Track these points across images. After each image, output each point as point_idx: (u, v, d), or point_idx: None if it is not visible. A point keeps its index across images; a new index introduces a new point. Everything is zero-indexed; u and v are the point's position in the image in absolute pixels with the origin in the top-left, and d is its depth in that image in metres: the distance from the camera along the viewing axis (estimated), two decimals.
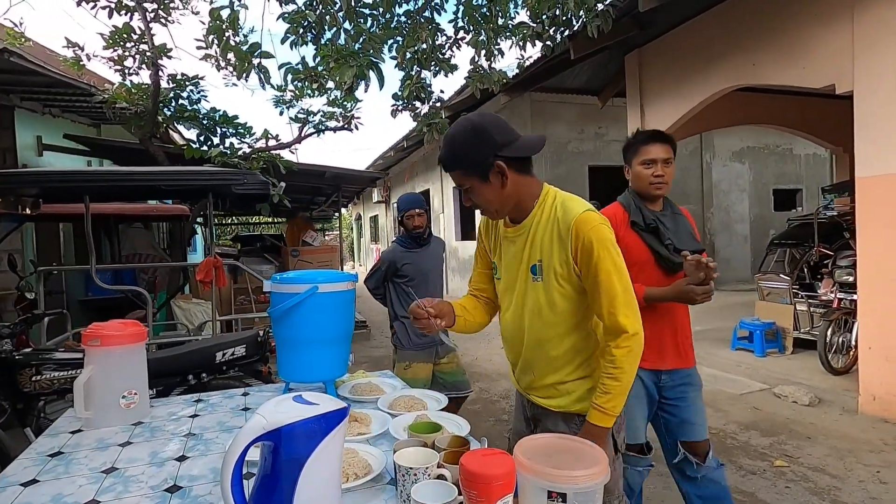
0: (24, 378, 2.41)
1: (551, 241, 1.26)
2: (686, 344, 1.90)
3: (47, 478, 1.14)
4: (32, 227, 5.87)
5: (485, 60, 5.06)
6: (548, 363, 1.34)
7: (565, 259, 1.24)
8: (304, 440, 0.82)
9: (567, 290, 1.27)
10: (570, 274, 1.25)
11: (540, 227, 1.29)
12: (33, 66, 4.49)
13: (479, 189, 1.27)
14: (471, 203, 1.31)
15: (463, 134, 1.27)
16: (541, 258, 1.29)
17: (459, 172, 1.28)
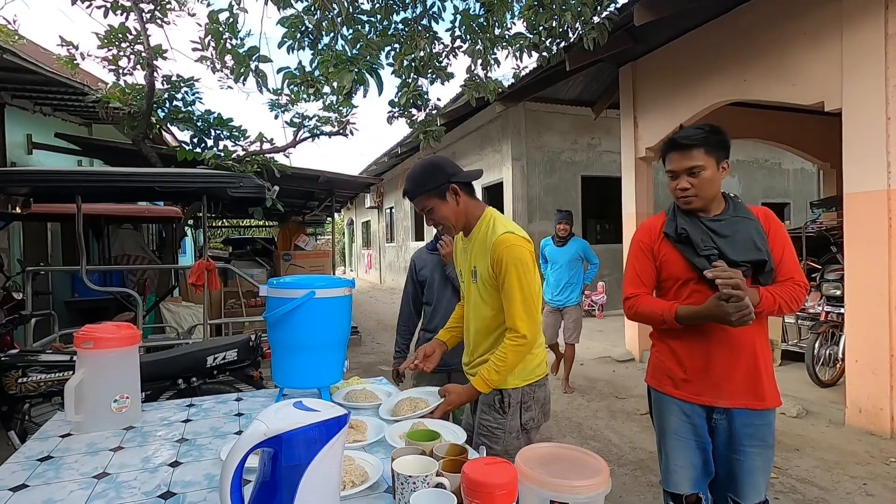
0: (10, 380, 2.37)
1: (483, 252, 1.61)
2: (760, 377, 1.52)
3: (37, 482, 1.12)
4: (20, 227, 5.79)
5: (481, 69, 5.10)
6: (481, 348, 1.68)
7: (488, 268, 1.58)
8: (305, 447, 0.81)
9: (491, 292, 1.61)
10: (491, 280, 1.59)
11: (477, 241, 1.65)
12: (26, 64, 4.44)
13: (439, 207, 1.62)
14: (433, 222, 1.66)
15: (423, 167, 1.64)
16: (475, 265, 1.65)
17: (422, 197, 1.62)
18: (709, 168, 1.55)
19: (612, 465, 3.14)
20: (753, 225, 1.55)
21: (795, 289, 1.53)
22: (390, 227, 15.84)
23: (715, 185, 1.57)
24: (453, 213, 1.63)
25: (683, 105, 5.19)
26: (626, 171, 6.10)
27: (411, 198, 1.65)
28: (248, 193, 3.07)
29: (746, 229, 1.55)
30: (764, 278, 1.53)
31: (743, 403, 1.53)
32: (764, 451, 1.53)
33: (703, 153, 1.55)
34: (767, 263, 1.51)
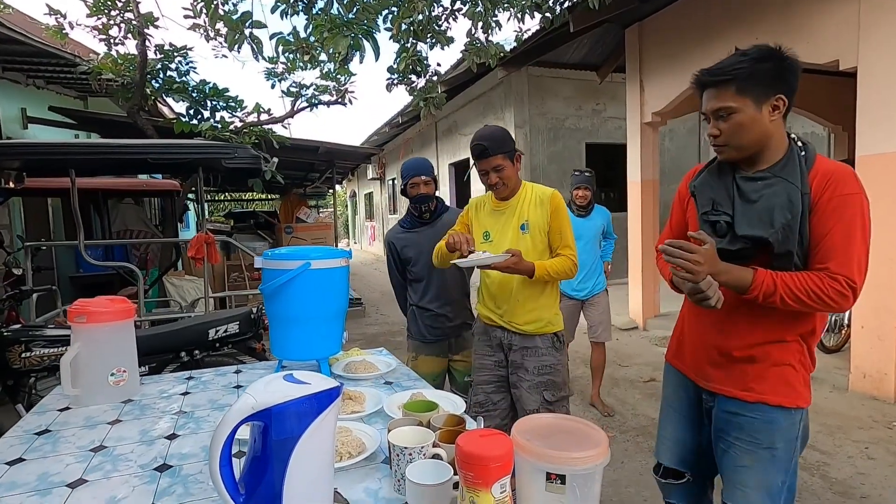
0: (14, 355, 2.38)
1: (537, 206, 1.95)
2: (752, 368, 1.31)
3: (34, 456, 1.11)
4: (20, 202, 5.76)
5: (482, 33, 4.92)
6: (530, 294, 1.94)
7: (546, 216, 1.94)
8: (295, 420, 0.79)
9: (542, 238, 1.95)
10: (545, 226, 1.94)
11: (527, 200, 1.98)
12: (14, 35, 4.32)
13: (508, 168, 1.93)
14: (496, 179, 1.93)
15: (501, 131, 1.96)
16: (527, 219, 1.95)
17: (499, 156, 1.90)
18: (743, 110, 1.22)
19: (614, 431, 3.17)
20: (789, 191, 1.22)
21: (823, 281, 1.18)
22: (393, 199, 15.73)
23: (754, 130, 1.23)
24: (515, 175, 1.96)
25: (691, 67, 5.00)
26: (632, 136, 5.95)
27: (489, 154, 1.89)
28: (243, 164, 3.01)
29: (776, 196, 1.23)
30: (779, 262, 1.23)
31: (726, 391, 1.35)
32: (754, 450, 1.30)
33: (734, 91, 1.22)
34: (774, 245, 1.22)
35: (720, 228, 1.30)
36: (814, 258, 1.23)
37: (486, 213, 2.06)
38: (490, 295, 2.02)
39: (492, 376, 2.02)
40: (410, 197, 2.40)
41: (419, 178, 2.34)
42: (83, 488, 0.97)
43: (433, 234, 2.30)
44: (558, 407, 1.93)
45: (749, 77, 1.21)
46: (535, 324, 1.94)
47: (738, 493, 1.32)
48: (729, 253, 1.26)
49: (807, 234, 1.22)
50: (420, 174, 2.35)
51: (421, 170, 2.38)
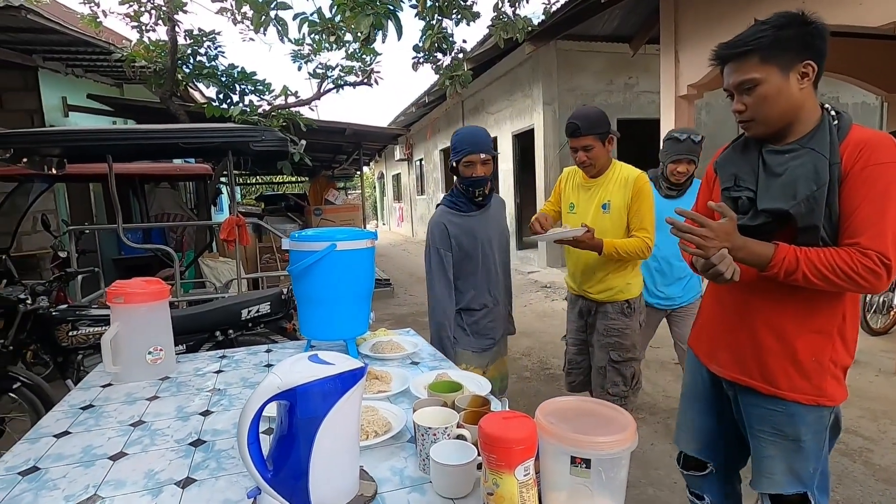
0: (62, 333, 2.51)
1: (621, 188, 2.08)
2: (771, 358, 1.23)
3: (79, 430, 1.17)
4: (64, 188, 6.01)
5: (509, 7, 4.79)
6: (606, 268, 2.12)
7: (627, 198, 2.06)
8: (320, 400, 0.80)
9: (622, 218, 2.07)
10: (626, 207, 2.07)
11: (612, 181, 2.10)
12: (52, 25, 4.45)
13: (598, 148, 2.05)
14: (585, 158, 2.07)
15: (596, 112, 2.06)
16: (609, 199, 2.09)
17: (591, 137, 2.02)
18: (767, 80, 1.14)
19: (643, 413, 3.13)
20: (816, 161, 1.13)
21: (852, 257, 1.09)
22: (420, 180, 15.71)
23: (781, 102, 1.15)
24: (604, 157, 2.08)
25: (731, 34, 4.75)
26: (666, 111, 5.72)
27: (581, 133, 2.02)
28: (271, 147, 3.03)
29: (802, 166, 1.14)
30: (803, 237, 1.14)
31: (744, 380, 1.27)
32: (780, 441, 1.24)
33: (757, 61, 1.14)
34: (796, 218, 1.14)
35: (742, 205, 1.23)
36: (844, 233, 1.13)
37: (574, 186, 2.23)
38: (571, 267, 2.27)
39: (576, 339, 2.34)
40: (464, 177, 1.99)
41: (478, 157, 1.94)
42: (124, 461, 1.02)
43: (486, 221, 2.06)
44: (625, 367, 2.15)
45: (772, 45, 1.13)
46: (606, 293, 2.15)
47: (765, 481, 1.26)
48: (750, 229, 1.19)
49: (836, 208, 1.13)
50: (480, 151, 1.94)
51: (481, 146, 1.95)
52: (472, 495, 0.86)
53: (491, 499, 0.71)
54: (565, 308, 2.58)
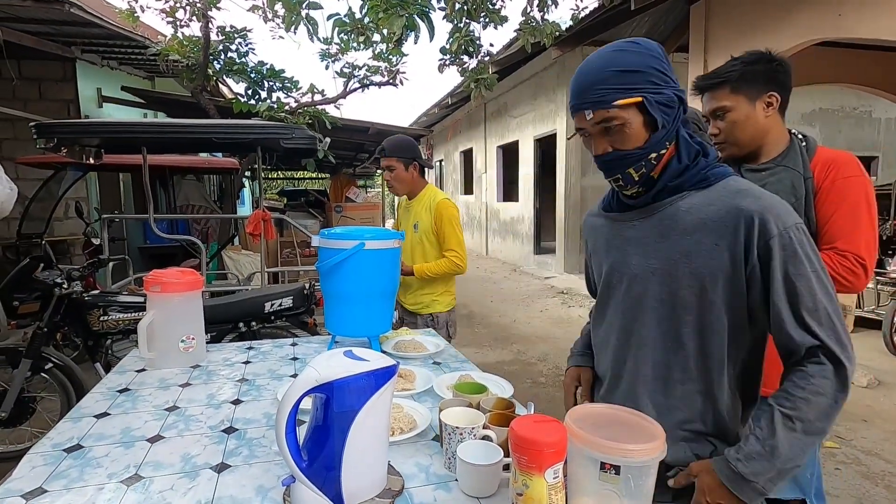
0: (94, 318, 2.59)
1: (426, 211, 2.32)
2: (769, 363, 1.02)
3: (117, 412, 1.22)
4: (95, 177, 6.19)
5: (537, 11, 4.79)
6: (418, 284, 2.34)
7: (431, 221, 2.30)
8: (356, 395, 0.83)
9: (431, 239, 2.32)
10: (432, 229, 2.30)
11: (422, 203, 2.35)
12: (92, 18, 4.60)
13: (400, 171, 2.31)
14: (389, 178, 2.33)
15: (405, 140, 2.34)
16: (418, 221, 2.34)
17: (393, 159, 2.29)
18: (737, 108, 1.33)
19: None
20: (792, 178, 1.30)
21: (831, 259, 1.23)
22: (439, 181, 15.75)
23: (749, 126, 1.34)
24: (406, 180, 2.34)
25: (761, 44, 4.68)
26: None
27: (385, 154, 2.29)
28: (300, 145, 3.09)
29: (780, 182, 1.30)
30: None
31: None
32: None
33: (728, 91, 1.34)
34: None
35: None
36: (821, 240, 1.28)
37: (402, 207, 2.52)
38: None
39: None
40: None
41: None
42: (161, 443, 1.06)
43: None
44: None
45: (741, 78, 1.33)
46: (415, 305, 2.39)
47: None
48: None
49: (813, 219, 1.29)
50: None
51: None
52: (497, 495, 0.88)
53: (521, 499, 0.73)
54: (582, 315, 2.57)
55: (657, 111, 0.87)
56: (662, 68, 0.88)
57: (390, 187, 2.39)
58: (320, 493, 0.82)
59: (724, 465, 0.83)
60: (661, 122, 0.87)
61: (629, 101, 0.86)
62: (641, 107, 0.87)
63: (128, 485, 0.91)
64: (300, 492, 0.83)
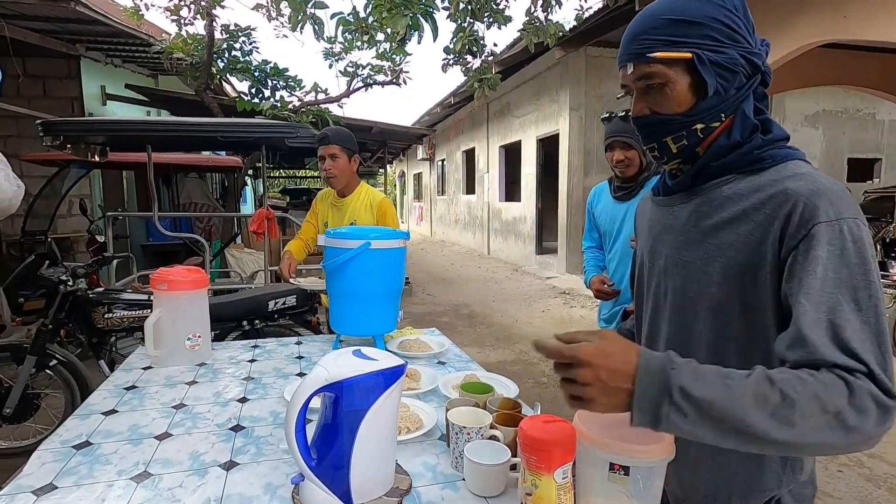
0: (98, 315, 2.60)
1: (367, 209, 2.23)
2: None
3: (124, 409, 1.23)
4: (99, 175, 6.21)
5: (541, 11, 4.80)
6: None
7: (373, 219, 2.20)
8: (365, 394, 0.83)
9: None
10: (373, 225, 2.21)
11: (359, 202, 2.24)
12: (96, 16, 4.61)
13: (343, 161, 2.19)
14: (330, 167, 2.18)
15: (349, 132, 2.25)
16: (355, 220, 2.22)
17: (339, 147, 2.16)
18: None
19: None
20: None
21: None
22: (442, 180, 15.76)
23: None
24: (348, 171, 2.22)
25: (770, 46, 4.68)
26: None
27: (330, 142, 2.15)
28: (303, 143, 3.10)
29: None
30: None
31: None
32: None
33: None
34: None
35: None
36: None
37: (328, 206, 2.36)
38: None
39: None
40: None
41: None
42: (169, 441, 1.07)
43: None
44: None
45: None
46: None
47: None
48: None
49: None
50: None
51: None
52: (504, 495, 0.88)
53: (529, 499, 0.74)
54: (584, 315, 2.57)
55: (710, 73, 0.72)
56: (731, 22, 0.72)
57: (329, 178, 2.23)
58: (329, 491, 0.83)
59: (654, 358, 0.62)
60: (714, 88, 0.72)
61: (673, 55, 0.72)
62: (692, 65, 0.72)
63: (137, 482, 0.91)
64: (309, 490, 0.83)
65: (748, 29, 0.74)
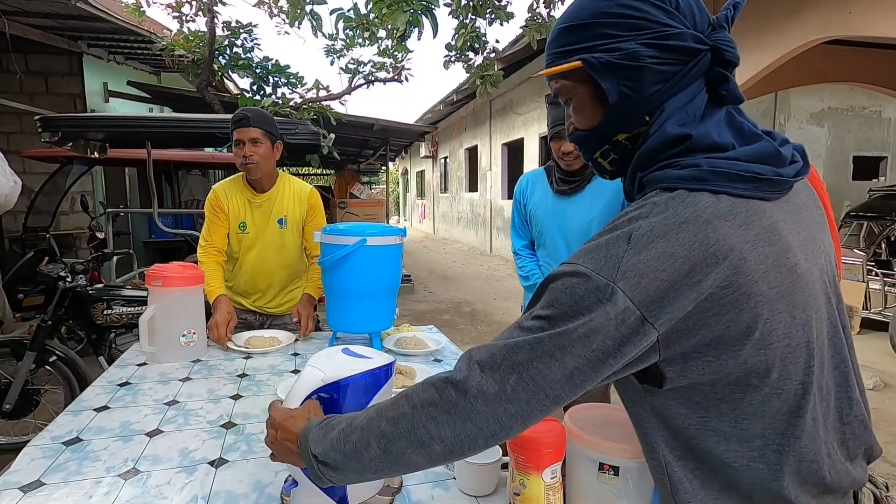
0: (97, 311, 2.60)
1: (296, 202, 1.99)
2: None
3: (117, 405, 1.22)
4: (101, 171, 6.22)
5: (543, 8, 4.76)
6: (285, 282, 2.08)
7: (303, 213, 2.00)
8: (362, 393, 0.82)
9: (297, 234, 2.02)
10: (301, 223, 2.01)
11: (286, 195, 1.98)
12: (98, 13, 4.60)
13: (268, 148, 1.88)
14: (252, 153, 1.84)
15: (270, 115, 1.95)
16: (286, 214, 1.98)
17: (263, 132, 1.85)
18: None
19: None
20: None
21: None
22: (444, 178, 15.74)
23: None
24: (270, 159, 1.92)
25: (772, 44, 4.64)
26: None
27: (250, 123, 1.83)
28: (303, 140, 3.09)
29: None
30: None
31: None
32: None
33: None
34: None
35: None
36: None
37: (240, 204, 1.96)
38: (244, 285, 2.05)
39: None
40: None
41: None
42: (160, 437, 1.06)
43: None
44: None
45: None
46: (285, 305, 2.12)
47: None
48: None
49: None
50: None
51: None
52: (495, 494, 0.87)
53: (518, 499, 0.73)
54: None
55: (605, 76, 0.62)
56: (630, 10, 0.60)
57: (249, 166, 1.85)
58: (327, 496, 0.80)
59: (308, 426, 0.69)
60: (615, 91, 0.62)
61: (562, 67, 0.65)
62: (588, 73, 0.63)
63: (125, 479, 0.90)
64: (303, 496, 0.80)
65: (670, 6, 0.61)
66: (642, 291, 0.52)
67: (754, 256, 0.54)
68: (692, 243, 0.53)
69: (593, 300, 0.53)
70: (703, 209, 0.54)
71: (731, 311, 0.53)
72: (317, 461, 0.64)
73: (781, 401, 0.57)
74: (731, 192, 0.56)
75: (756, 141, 0.61)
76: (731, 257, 0.53)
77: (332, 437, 0.64)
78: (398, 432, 0.60)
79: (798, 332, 0.57)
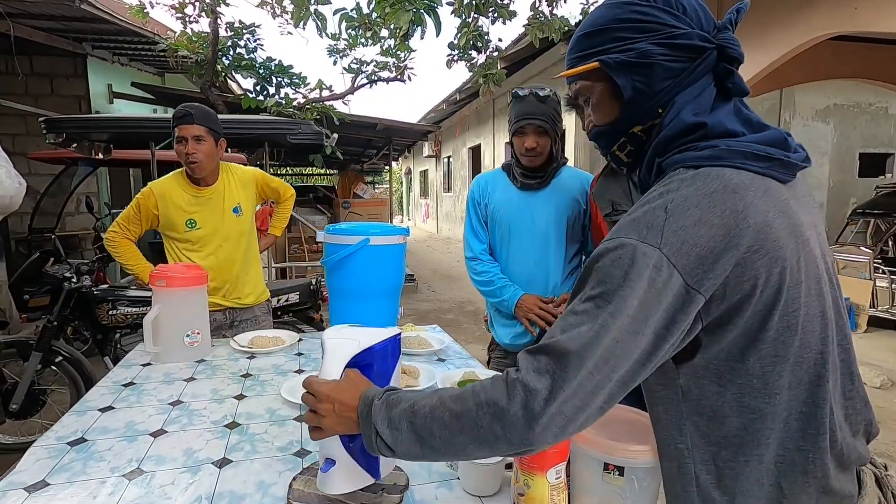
0: (102, 312, 2.61)
1: (246, 186, 2.03)
2: None
3: (121, 405, 1.22)
4: (106, 172, 6.24)
5: (546, 6, 4.75)
6: (250, 271, 2.09)
7: (254, 195, 2.07)
8: (392, 358, 0.84)
9: (251, 217, 2.06)
10: (255, 203, 2.08)
11: (233, 185, 2.00)
12: (102, 14, 4.62)
13: (211, 145, 1.88)
14: (195, 152, 1.84)
15: (213, 112, 1.94)
16: (238, 203, 2.00)
17: (206, 129, 1.85)
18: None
19: None
20: None
21: None
22: (448, 177, 15.73)
23: None
24: (214, 157, 1.93)
25: (777, 40, 4.60)
26: None
27: (193, 121, 1.82)
28: (306, 140, 3.10)
29: None
30: None
31: None
32: None
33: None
34: None
35: None
36: None
37: (183, 203, 1.92)
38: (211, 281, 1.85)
39: None
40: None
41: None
42: (164, 438, 1.06)
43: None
44: None
45: None
46: (252, 294, 2.10)
47: None
48: None
49: None
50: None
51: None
52: (499, 494, 0.87)
53: (522, 499, 0.72)
54: None
55: (621, 74, 0.68)
56: (640, 15, 0.67)
57: (193, 164, 1.84)
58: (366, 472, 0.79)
59: (369, 393, 0.70)
60: (630, 87, 0.68)
61: (582, 68, 0.71)
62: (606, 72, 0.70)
63: (129, 479, 0.91)
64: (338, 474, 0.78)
65: (677, 11, 0.67)
66: (684, 257, 0.56)
67: (778, 224, 0.59)
68: (723, 210, 0.57)
69: (643, 266, 0.56)
70: (729, 180, 0.60)
71: (763, 273, 0.57)
72: (376, 435, 0.66)
73: (804, 370, 0.60)
74: (748, 168, 0.62)
75: (764, 129, 0.67)
76: (759, 222, 0.58)
77: (394, 417, 0.66)
78: (461, 427, 0.61)
79: (814, 301, 0.61)
